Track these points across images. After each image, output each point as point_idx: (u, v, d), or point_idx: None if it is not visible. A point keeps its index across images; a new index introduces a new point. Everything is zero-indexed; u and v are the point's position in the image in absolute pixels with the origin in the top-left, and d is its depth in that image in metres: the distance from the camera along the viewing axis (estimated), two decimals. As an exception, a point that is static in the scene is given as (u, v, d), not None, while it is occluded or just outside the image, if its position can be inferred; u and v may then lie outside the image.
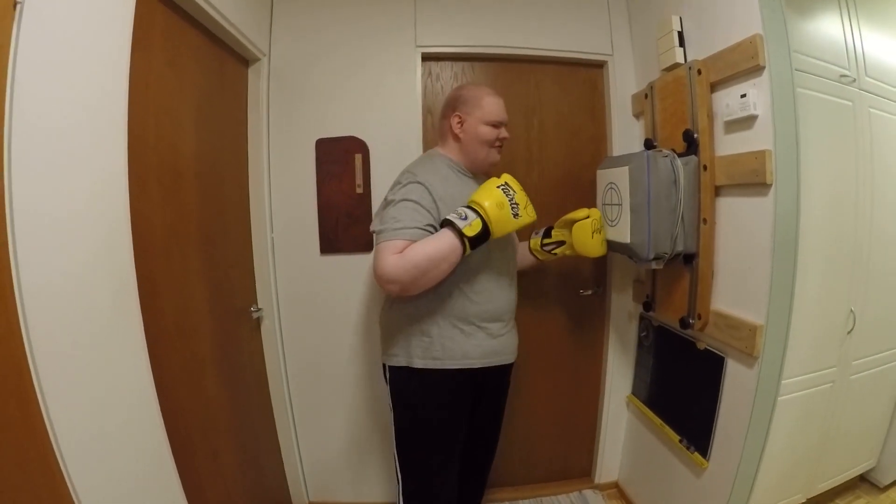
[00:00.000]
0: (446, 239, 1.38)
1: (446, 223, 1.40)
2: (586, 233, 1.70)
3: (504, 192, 1.43)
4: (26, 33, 0.84)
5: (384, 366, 1.64)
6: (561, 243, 1.80)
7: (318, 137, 2.08)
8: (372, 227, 1.47)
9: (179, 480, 1.25)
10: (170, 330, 1.38)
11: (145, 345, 1.15)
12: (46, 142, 0.90)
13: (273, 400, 2.15)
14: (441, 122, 1.67)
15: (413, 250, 1.35)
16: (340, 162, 2.09)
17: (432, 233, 1.41)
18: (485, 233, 1.39)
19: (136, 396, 1.13)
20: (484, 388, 1.66)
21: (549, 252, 1.83)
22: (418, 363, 1.54)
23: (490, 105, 1.59)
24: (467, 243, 1.38)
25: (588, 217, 1.70)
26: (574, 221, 1.72)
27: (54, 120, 0.92)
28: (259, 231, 2.05)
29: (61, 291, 0.93)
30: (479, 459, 1.90)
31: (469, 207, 1.41)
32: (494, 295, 1.57)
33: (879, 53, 1.83)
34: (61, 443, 0.88)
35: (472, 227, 1.37)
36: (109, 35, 1.08)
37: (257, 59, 1.99)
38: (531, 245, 1.87)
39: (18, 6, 0.83)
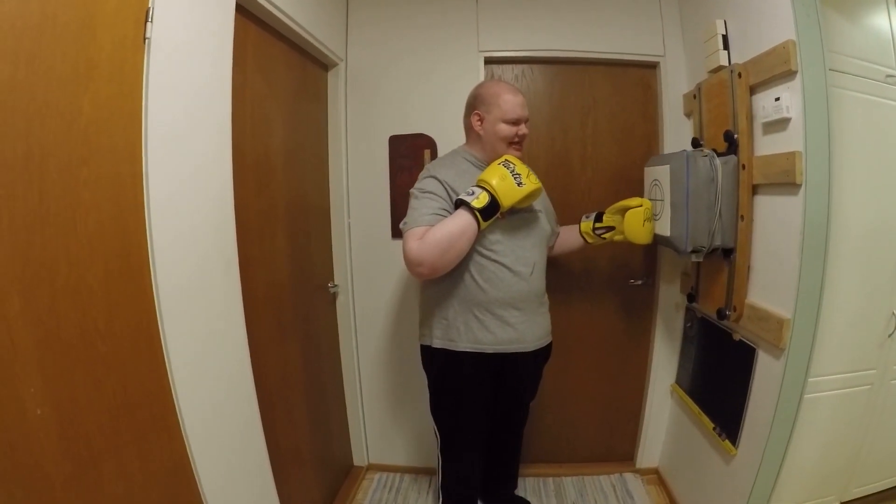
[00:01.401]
0: (459, 215, 1.53)
1: (458, 203, 1.56)
2: (639, 221, 1.81)
3: (505, 167, 1.56)
4: (155, 62, 1.07)
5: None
6: (611, 228, 1.90)
7: (390, 134, 2.32)
8: (400, 224, 1.63)
9: (262, 427, 1.49)
10: (260, 301, 1.63)
11: (243, 314, 1.41)
12: (175, 153, 1.14)
13: (343, 368, 2.44)
14: (465, 119, 1.78)
15: (432, 232, 1.51)
16: (410, 156, 2.32)
17: (448, 216, 1.56)
18: (493, 203, 1.52)
19: (235, 356, 1.39)
20: (503, 373, 1.76)
21: (599, 236, 1.93)
22: (437, 343, 1.72)
23: (508, 103, 1.65)
24: (479, 216, 1.51)
25: (641, 206, 1.81)
26: (626, 208, 1.83)
27: (179, 133, 1.16)
28: (338, 216, 2.34)
29: (189, 276, 1.19)
30: (506, 445, 2.05)
31: (477, 185, 1.56)
32: (506, 283, 1.65)
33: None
34: (179, 393, 1.13)
35: (479, 200, 1.51)
36: (217, 56, 1.33)
37: (335, 65, 2.25)
38: (582, 228, 1.96)
39: (147, 40, 1.06)
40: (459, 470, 1.91)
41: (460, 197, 1.55)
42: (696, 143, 1.98)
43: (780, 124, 1.56)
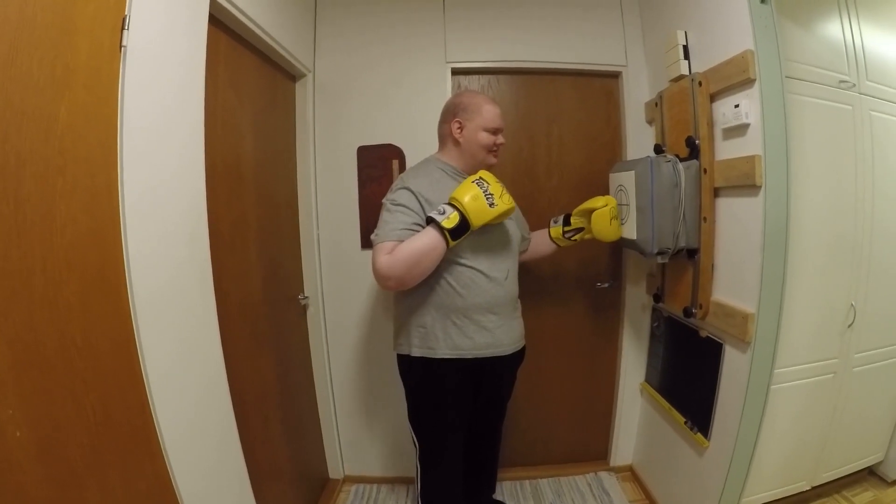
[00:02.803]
0: (428, 234, 1.54)
1: (429, 220, 1.57)
2: (605, 220, 1.87)
3: (478, 186, 1.56)
4: (130, 70, 1.05)
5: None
6: (580, 230, 1.96)
7: (359, 145, 2.31)
8: (371, 235, 1.63)
9: (239, 442, 1.46)
10: (234, 313, 1.60)
11: (218, 326, 1.38)
12: (149, 163, 1.12)
13: (315, 380, 2.39)
14: (441, 126, 1.79)
15: (400, 248, 1.53)
16: (379, 167, 2.32)
17: (419, 231, 1.57)
18: (464, 223, 1.54)
19: (211, 370, 1.36)
20: (482, 378, 1.78)
21: (569, 239, 1.98)
22: (416, 352, 1.71)
23: (489, 113, 1.71)
24: (448, 235, 1.52)
25: (606, 205, 1.87)
26: (592, 210, 1.89)
27: (153, 142, 1.14)
28: (306, 228, 2.30)
29: (165, 288, 1.16)
30: (485, 449, 2.06)
31: (448, 204, 1.57)
32: (483, 289, 1.67)
33: (882, 57, 1.91)
34: (158, 408, 1.10)
35: (449, 220, 1.52)
36: (191, 66, 1.31)
37: (303, 75, 2.23)
38: (552, 234, 2.00)
39: (123, 48, 1.04)
40: (439, 478, 1.90)
41: (430, 215, 1.57)
42: (658, 150, 2.06)
43: (740, 130, 1.65)
